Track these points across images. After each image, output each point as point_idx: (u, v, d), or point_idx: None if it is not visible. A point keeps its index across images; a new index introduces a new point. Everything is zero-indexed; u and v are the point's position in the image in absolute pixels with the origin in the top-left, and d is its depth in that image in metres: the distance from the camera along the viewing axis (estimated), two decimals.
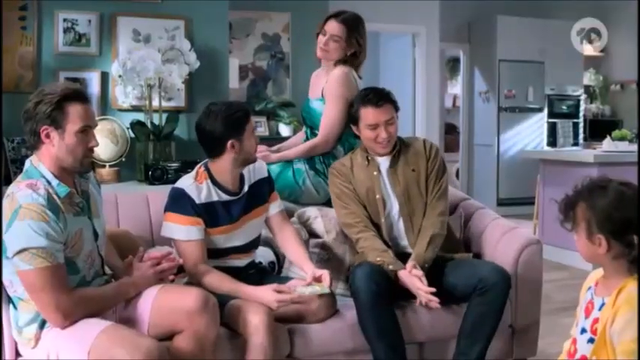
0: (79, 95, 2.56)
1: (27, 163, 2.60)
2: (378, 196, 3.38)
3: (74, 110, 2.52)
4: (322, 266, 3.29)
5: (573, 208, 2.16)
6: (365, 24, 3.86)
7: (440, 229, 3.32)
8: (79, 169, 2.62)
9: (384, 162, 3.43)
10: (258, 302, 2.86)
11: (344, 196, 3.39)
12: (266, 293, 2.88)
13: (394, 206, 3.39)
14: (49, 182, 2.51)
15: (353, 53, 3.78)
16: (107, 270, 2.82)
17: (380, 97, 3.36)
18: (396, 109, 3.42)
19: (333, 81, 3.71)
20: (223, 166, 3.06)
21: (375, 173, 3.40)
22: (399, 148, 3.44)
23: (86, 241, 2.61)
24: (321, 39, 3.76)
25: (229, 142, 3.00)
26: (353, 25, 3.76)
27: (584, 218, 2.13)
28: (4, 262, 2.47)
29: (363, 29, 3.82)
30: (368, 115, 3.33)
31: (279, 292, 2.89)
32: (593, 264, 2.21)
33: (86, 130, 2.56)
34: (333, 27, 3.73)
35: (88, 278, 2.64)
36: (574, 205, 2.16)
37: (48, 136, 2.52)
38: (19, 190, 2.45)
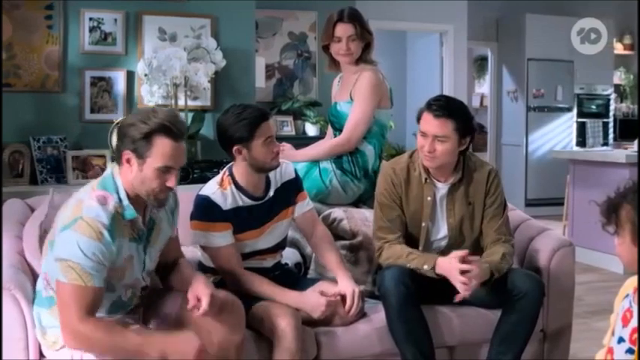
0: (172, 131, 2.41)
1: (108, 169, 2.53)
2: (423, 224, 3.23)
3: (161, 146, 2.39)
4: (349, 268, 3.25)
5: (617, 211, 2.09)
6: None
7: (510, 251, 3.14)
8: (151, 203, 2.50)
9: (442, 188, 3.21)
10: (285, 305, 2.83)
11: (386, 208, 3.22)
12: (313, 297, 2.89)
13: (440, 233, 3.26)
14: (120, 200, 2.44)
15: (367, 43, 3.79)
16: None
17: (442, 109, 3.06)
18: (461, 130, 3.08)
19: (364, 83, 3.68)
20: (242, 170, 2.99)
21: (428, 199, 3.19)
22: (462, 176, 3.20)
23: (133, 269, 2.54)
24: (340, 46, 3.72)
25: (235, 148, 2.92)
26: (358, 18, 3.75)
27: (629, 221, 2.05)
28: (49, 259, 2.41)
29: (363, 17, 3.81)
30: (423, 120, 3.12)
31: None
32: (625, 267, 2.14)
33: (168, 169, 2.44)
34: (344, 29, 3.70)
35: (125, 298, 2.59)
36: (617, 208, 2.08)
37: (128, 161, 2.43)
38: (89, 199, 2.39)
